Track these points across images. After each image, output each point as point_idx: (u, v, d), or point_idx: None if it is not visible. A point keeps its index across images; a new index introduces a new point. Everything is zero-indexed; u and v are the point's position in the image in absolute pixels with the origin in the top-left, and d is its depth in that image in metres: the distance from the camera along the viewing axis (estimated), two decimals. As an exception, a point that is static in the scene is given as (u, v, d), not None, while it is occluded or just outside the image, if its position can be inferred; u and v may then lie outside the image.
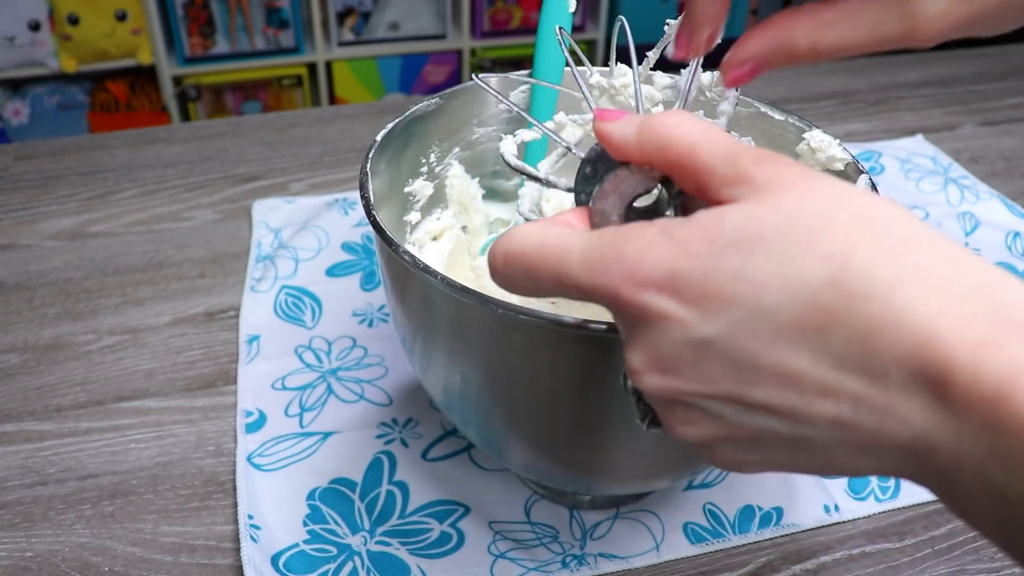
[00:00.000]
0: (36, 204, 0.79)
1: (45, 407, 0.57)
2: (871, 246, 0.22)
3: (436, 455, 0.53)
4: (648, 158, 0.27)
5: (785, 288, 0.23)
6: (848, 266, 0.22)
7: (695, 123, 0.26)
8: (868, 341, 0.22)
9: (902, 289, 0.22)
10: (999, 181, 0.84)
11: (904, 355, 0.21)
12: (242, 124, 0.93)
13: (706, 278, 0.23)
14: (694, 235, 0.24)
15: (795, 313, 0.23)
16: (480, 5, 2.10)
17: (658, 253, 0.24)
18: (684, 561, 0.47)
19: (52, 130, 2.02)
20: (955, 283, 0.22)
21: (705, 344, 0.24)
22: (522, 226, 0.27)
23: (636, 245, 0.25)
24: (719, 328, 0.23)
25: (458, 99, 0.52)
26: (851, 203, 0.23)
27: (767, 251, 0.23)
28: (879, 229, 0.23)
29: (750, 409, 0.24)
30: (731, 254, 0.23)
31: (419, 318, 0.41)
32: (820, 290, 0.22)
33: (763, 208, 0.24)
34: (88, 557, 0.47)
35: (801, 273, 0.22)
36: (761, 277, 0.23)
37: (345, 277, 0.68)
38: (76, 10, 1.88)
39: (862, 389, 0.22)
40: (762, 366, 0.23)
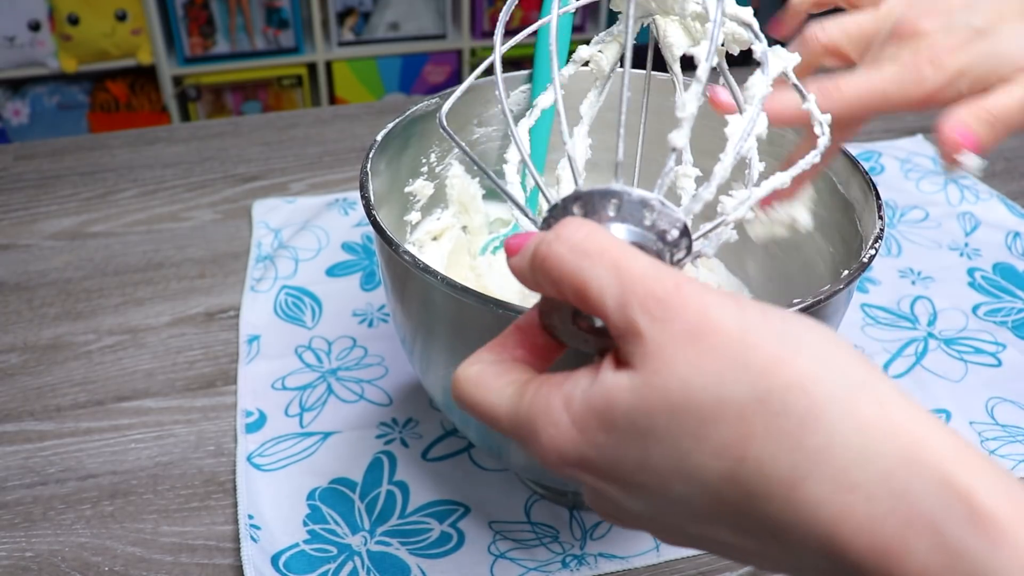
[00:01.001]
0: (36, 204, 0.79)
1: (45, 407, 0.57)
2: (766, 434, 0.21)
3: (436, 455, 0.53)
4: (549, 293, 0.26)
5: (686, 482, 0.22)
6: (744, 461, 0.21)
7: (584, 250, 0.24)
8: (777, 536, 0.22)
9: (802, 489, 0.21)
10: (999, 181, 0.84)
11: (816, 554, 0.21)
12: (242, 124, 0.93)
13: (613, 468, 0.24)
14: (591, 425, 0.24)
15: (703, 503, 0.23)
16: (480, 5, 2.10)
17: (566, 441, 0.24)
18: (684, 561, 0.47)
19: (52, 130, 2.02)
20: (860, 474, 0.20)
21: (637, 514, 0.25)
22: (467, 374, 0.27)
23: (546, 430, 0.24)
24: (642, 506, 0.24)
25: (458, 99, 0.52)
26: (744, 373, 0.21)
27: (661, 446, 0.22)
28: (775, 409, 0.21)
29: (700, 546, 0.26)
30: (629, 446, 0.23)
31: (419, 318, 0.41)
32: (719, 487, 0.22)
33: (649, 398, 0.22)
34: (88, 557, 0.47)
35: (698, 470, 0.22)
36: (662, 470, 0.23)
37: (345, 277, 0.68)
38: (76, 10, 1.88)
39: (791, 557, 0.22)
40: (692, 535, 0.24)
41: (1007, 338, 0.63)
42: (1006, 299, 0.67)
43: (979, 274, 0.70)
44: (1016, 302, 0.67)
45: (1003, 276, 0.70)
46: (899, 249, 0.73)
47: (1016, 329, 0.64)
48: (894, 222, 0.76)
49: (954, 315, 0.66)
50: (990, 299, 0.67)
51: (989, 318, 0.65)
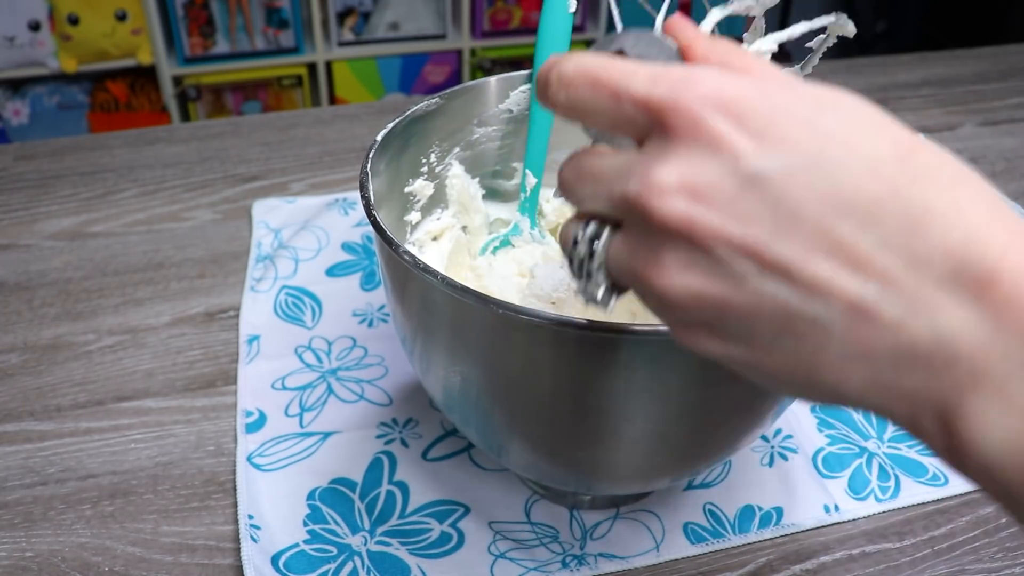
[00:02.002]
0: (36, 204, 0.79)
1: (45, 407, 0.57)
2: (935, 154, 0.23)
3: (436, 455, 0.53)
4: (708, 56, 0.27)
5: (852, 149, 0.22)
6: (915, 152, 0.22)
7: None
8: (920, 223, 0.21)
9: (962, 189, 0.22)
10: (999, 181, 0.84)
11: (953, 246, 0.21)
12: (242, 124, 0.93)
13: (776, 112, 0.23)
14: (772, 76, 0.24)
15: (855, 176, 0.22)
16: (480, 5, 2.10)
17: (732, 79, 0.23)
18: (684, 561, 0.47)
19: (52, 130, 2.02)
20: (1004, 206, 0.22)
21: (752, 178, 0.22)
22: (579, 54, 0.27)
23: (711, 70, 0.24)
24: (774, 166, 0.22)
25: (458, 99, 0.52)
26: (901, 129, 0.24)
27: (840, 116, 0.23)
28: (937, 150, 0.23)
29: (766, 270, 0.22)
30: (807, 103, 0.23)
31: (419, 318, 0.41)
32: (886, 163, 0.22)
33: (834, 92, 0.24)
34: (88, 557, 0.47)
35: (871, 143, 0.22)
36: (832, 132, 0.22)
37: (345, 277, 0.68)
38: (76, 10, 1.88)
39: (899, 271, 0.21)
40: (803, 219, 0.22)
41: (1007, 338, 0.63)
42: (1006, 299, 0.67)
43: (979, 274, 0.70)
44: (1016, 302, 0.67)
45: (1003, 276, 0.70)
46: (899, 249, 0.73)
47: (1016, 329, 0.64)
48: (894, 222, 0.76)
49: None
50: (990, 299, 0.67)
51: (989, 318, 0.65)
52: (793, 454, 0.53)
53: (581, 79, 0.25)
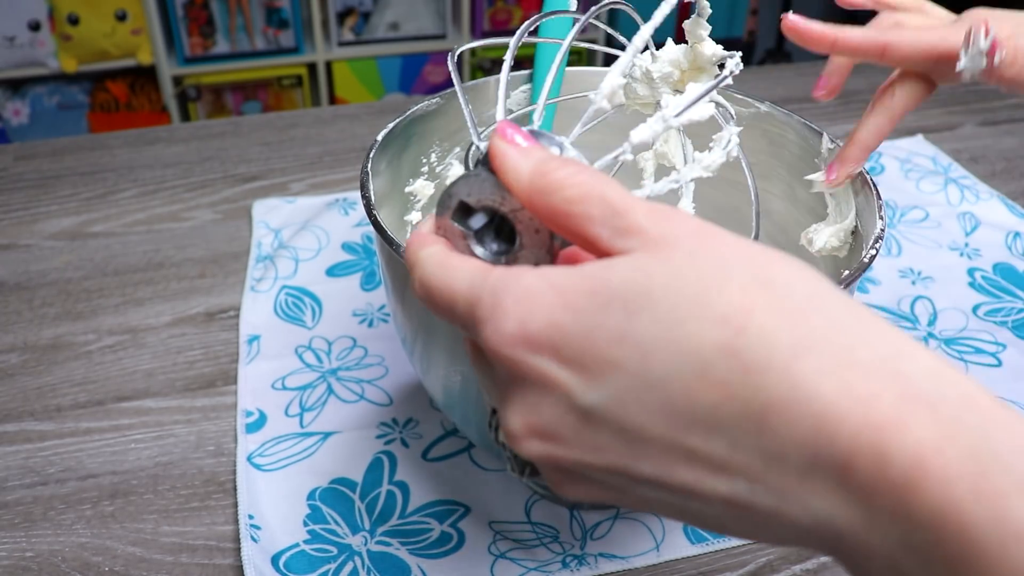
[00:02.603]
0: (36, 204, 0.79)
1: (45, 407, 0.57)
2: (770, 310, 0.21)
3: (436, 455, 0.53)
4: (532, 200, 0.25)
5: (674, 355, 0.21)
6: (745, 331, 0.20)
7: (591, 173, 0.24)
8: (764, 420, 0.20)
9: (803, 361, 0.20)
10: (999, 181, 0.84)
11: (803, 437, 0.20)
12: (242, 124, 0.93)
13: (588, 336, 0.22)
14: (576, 286, 0.22)
15: (685, 384, 0.21)
16: (480, 5, 2.10)
17: (536, 304, 0.22)
18: (684, 561, 0.47)
19: (52, 130, 2.02)
20: (860, 354, 0.20)
21: (589, 412, 0.22)
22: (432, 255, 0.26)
23: (515, 294, 0.23)
24: (603, 395, 0.22)
25: (458, 100, 0.52)
26: (749, 261, 0.22)
27: (654, 311, 0.21)
28: (779, 291, 0.21)
29: (638, 482, 0.23)
30: (616, 310, 0.21)
31: (419, 318, 0.41)
32: (713, 359, 0.20)
33: (653, 262, 0.22)
34: (88, 557, 0.47)
35: (691, 339, 0.21)
36: (648, 340, 0.21)
37: (345, 277, 0.68)
38: (76, 10, 1.88)
39: (759, 469, 0.21)
40: (651, 438, 0.22)
41: (1007, 338, 0.63)
42: (1006, 299, 0.67)
43: (979, 274, 0.70)
44: (1016, 302, 0.67)
45: (1003, 276, 0.70)
46: (899, 249, 0.73)
47: (1016, 329, 0.64)
48: (894, 222, 0.76)
49: (954, 315, 0.66)
50: (990, 299, 0.67)
51: (989, 318, 0.65)
52: (793, 454, 0.53)
53: (419, 292, 0.26)
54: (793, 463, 0.20)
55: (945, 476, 0.19)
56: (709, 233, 0.23)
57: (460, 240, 0.27)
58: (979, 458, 0.19)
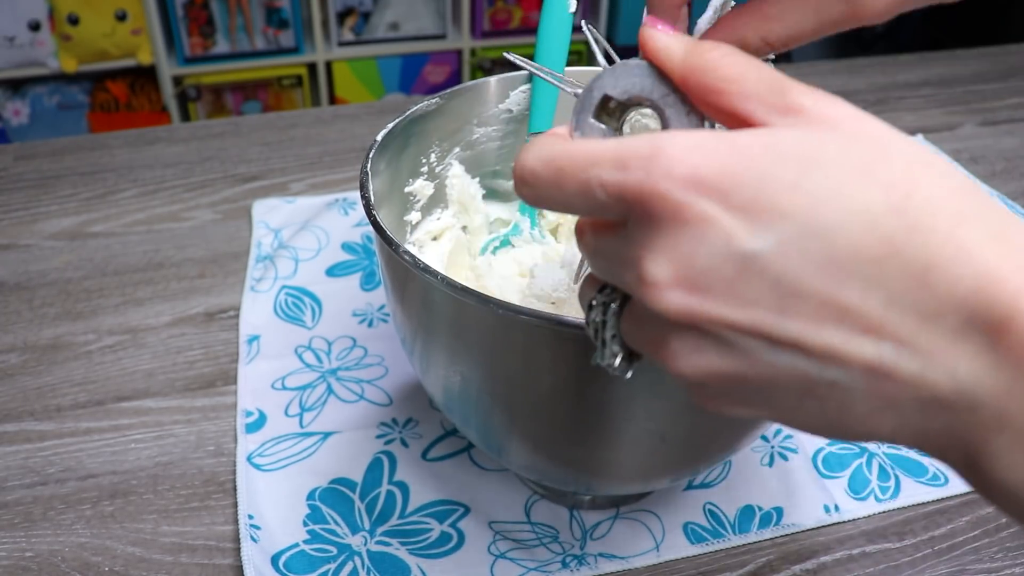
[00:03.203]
0: (36, 204, 0.79)
1: (45, 407, 0.57)
2: (933, 183, 0.21)
3: (436, 455, 0.53)
4: (687, 76, 0.25)
5: (844, 208, 0.21)
6: (911, 196, 0.21)
7: (745, 56, 0.25)
8: (926, 276, 0.20)
9: (966, 227, 0.21)
10: (999, 181, 0.84)
11: (963, 295, 0.20)
12: (242, 124, 0.93)
13: (760, 183, 0.21)
14: (751, 140, 0.22)
15: (852, 237, 0.21)
16: (480, 5, 2.10)
17: (708, 150, 0.22)
18: (684, 561, 0.47)
19: (52, 130, 2.02)
20: (1015, 234, 0.21)
21: (748, 259, 0.21)
22: (546, 135, 0.25)
23: (680, 142, 0.22)
24: (768, 242, 0.21)
25: (458, 99, 0.52)
26: (910, 145, 0.22)
27: (827, 170, 0.21)
28: (939, 171, 0.22)
29: (777, 345, 0.22)
30: (790, 164, 0.21)
31: (419, 318, 0.41)
32: (881, 216, 0.21)
33: (821, 132, 0.22)
34: (88, 557, 0.47)
35: (863, 197, 0.21)
36: (821, 193, 0.21)
37: (345, 277, 0.68)
38: (76, 10, 1.88)
39: (911, 330, 0.21)
40: (807, 293, 0.21)
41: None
42: (1006, 299, 0.67)
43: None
44: (1016, 302, 0.67)
45: (1003, 276, 0.70)
46: (899, 249, 0.73)
47: (1016, 329, 0.64)
48: (894, 222, 0.76)
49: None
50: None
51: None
52: (793, 454, 0.53)
53: (545, 173, 0.25)
54: (948, 322, 0.20)
55: None
56: (869, 118, 0.23)
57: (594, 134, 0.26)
58: None
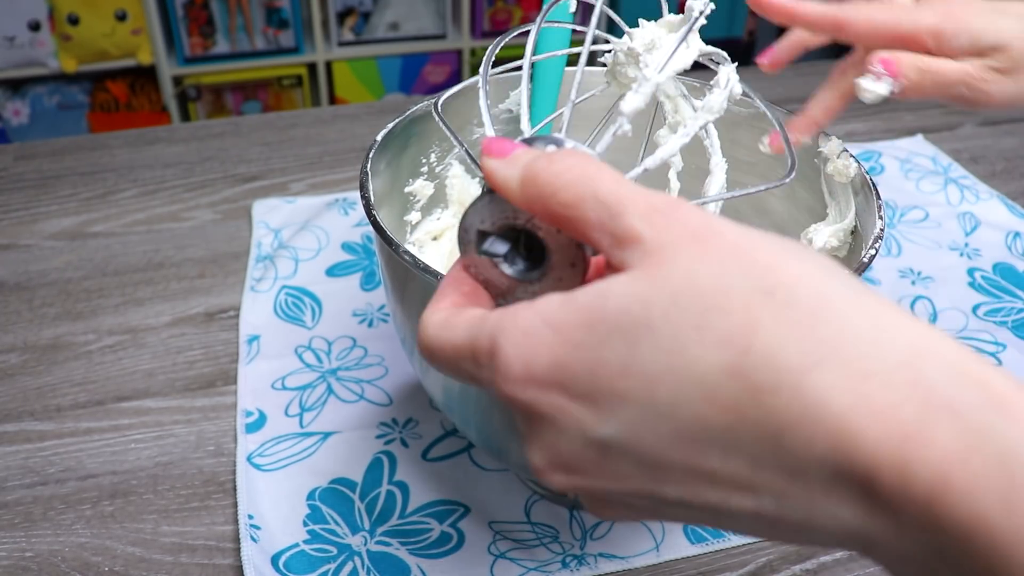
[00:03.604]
0: (36, 204, 0.79)
1: (45, 407, 0.57)
2: (774, 324, 0.20)
3: (436, 455, 0.53)
4: (531, 207, 0.24)
5: (679, 382, 0.20)
6: (749, 351, 0.20)
7: (581, 168, 0.23)
8: (780, 439, 0.20)
9: (813, 376, 0.19)
10: (999, 181, 0.84)
11: (821, 455, 0.19)
12: (242, 124, 0.93)
13: (592, 372, 0.21)
14: (573, 321, 0.22)
15: (694, 410, 0.20)
16: (480, 5, 2.10)
17: (536, 345, 0.22)
18: (684, 561, 0.47)
19: (52, 130, 2.02)
20: (875, 362, 0.19)
21: (605, 444, 0.22)
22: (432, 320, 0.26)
23: (512, 337, 0.22)
24: (616, 427, 0.21)
25: (458, 99, 0.52)
26: (751, 268, 0.21)
27: (655, 339, 0.21)
28: (783, 300, 0.20)
29: (667, 503, 0.22)
30: (616, 343, 0.21)
31: (419, 318, 0.41)
32: (720, 384, 0.20)
33: (649, 287, 0.21)
34: (88, 557, 0.47)
35: (696, 364, 0.20)
36: (651, 370, 0.21)
37: (345, 277, 0.68)
38: (76, 10, 1.88)
39: (784, 484, 0.20)
40: (670, 464, 0.21)
41: (1007, 338, 0.63)
42: (1006, 299, 0.67)
43: (979, 274, 0.70)
44: (1016, 302, 0.67)
45: (1003, 276, 0.70)
46: (899, 249, 0.73)
47: (1016, 329, 0.64)
48: (894, 222, 0.76)
49: (954, 315, 0.66)
50: (990, 299, 0.67)
51: (989, 318, 0.65)
52: (793, 454, 0.53)
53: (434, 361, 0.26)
54: (815, 478, 0.20)
55: (971, 489, 0.18)
56: (710, 234, 0.22)
57: (492, 270, 0.27)
58: (1007, 466, 0.18)
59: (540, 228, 0.25)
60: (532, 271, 0.26)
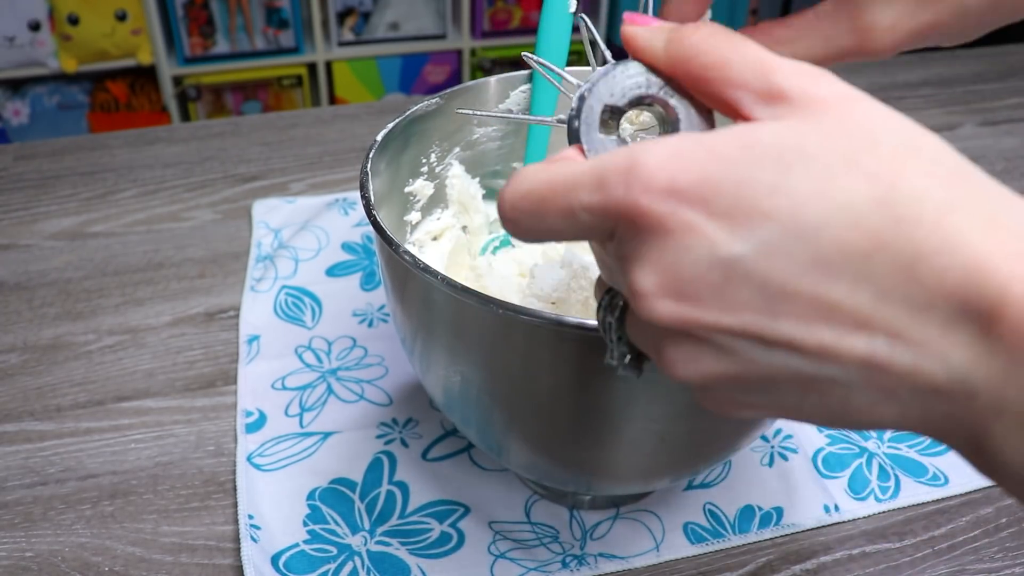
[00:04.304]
0: (36, 204, 0.79)
1: (45, 407, 0.57)
2: (920, 171, 0.21)
3: (436, 455, 0.53)
4: (673, 68, 0.25)
5: (828, 206, 0.21)
6: (897, 187, 0.21)
7: (727, 35, 0.24)
8: (914, 269, 0.20)
9: (954, 216, 0.20)
10: (999, 181, 0.84)
11: (952, 285, 0.20)
12: (242, 124, 0.93)
13: (740, 187, 0.21)
14: (728, 141, 0.22)
15: (837, 234, 0.21)
16: (480, 5, 2.10)
17: (684, 158, 0.22)
18: (684, 561, 0.47)
19: (52, 130, 2.02)
20: (1009, 218, 0.21)
21: (733, 264, 0.21)
22: (528, 167, 0.25)
23: (657, 152, 0.22)
24: (751, 246, 0.21)
25: (458, 99, 0.52)
26: (899, 128, 0.22)
27: (808, 166, 0.21)
28: (928, 157, 0.21)
29: (772, 346, 0.22)
30: (769, 165, 0.21)
31: (419, 318, 0.41)
32: (866, 211, 0.20)
33: (803, 124, 0.22)
34: (88, 557, 0.47)
35: (846, 191, 0.21)
36: (802, 192, 0.21)
37: (345, 277, 0.68)
38: (76, 10, 1.88)
39: (903, 322, 0.21)
40: (795, 293, 0.21)
41: (1007, 338, 0.63)
42: (1006, 299, 0.67)
43: (979, 274, 0.70)
44: (1016, 302, 0.67)
45: (1003, 276, 0.70)
46: (899, 249, 0.73)
47: (1016, 329, 0.64)
48: (894, 222, 0.76)
49: (954, 315, 0.65)
50: (990, 299, 0.67)
51: (989, 318, 0.65)
52: (793, 454, 0.53)
53: (526, 206, 0.25)
54: (940, 313, 0.20)
55: None
56: (857, 98, 0.23)
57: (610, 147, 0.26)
58: None
59: (673, 95, 0.25)
60: None
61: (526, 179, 0.25)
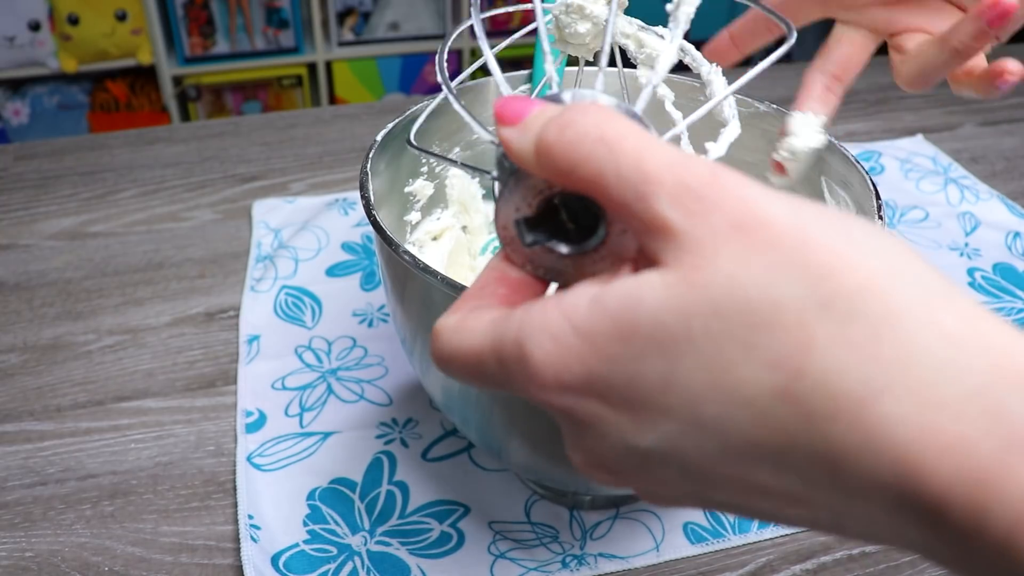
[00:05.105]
0: (36, 204, 0.79)
1: (45, 407, 0.57)
2: (831, 343, 0.17)
3: (436, 455, 0.53)
4: (553, 180, 0.22)
5: (725, 401, 0.18)
6: (802, 375, 0.18)
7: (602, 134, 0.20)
8: (837, 467, 0.18)
9: (875, 406, 0.17)
10: (999, 181, 0.84)
11: (885, 484, 0.17)
12: (242, 124, 0.93)
13: (630, 385, 0.19)
14: (606, 331, 0.20)
15: (743, 430, 0.18)
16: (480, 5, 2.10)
17: (566, 355, 0.20)
18: (684, 561, 0.47)
19: (52, 130, 2.02)
20: (946, 389, 0.17)
21: (647, 453, 0.20)
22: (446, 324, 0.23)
23: (540, 342, 0.20)
24: (657, 437, 0.20)
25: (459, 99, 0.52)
26: (803, 274, 0.18)
27: (697, 356, 0.18)
28: (841, 315, 0.18)
29: (716, 505, 0.21)
30: (653, 358, 0.19)
31: (419, 318, 0.41)
32: (768, 407, 0.18)
33: (687, 296, 0.19)
34: (88, 557, 0.47)
35: (742, 387, 0.18)
36: (694, 388, 0.19)
37: (345, 277, 0.68)
38: (76, 10, 1.88)
39: (841, 506, 0.18)
40: (719, 477, 0.20)
41: (1007, 338, 0.63)
42: (1006, 299, 0.67)
43: (979, 274, 0.70)
44: (1016, 302, 0.67)
45: (1003, 276, 0.70)
46: (899, 249, 0.73)
47: (1016, 329, 0.64)
48: (894, 222, 0.76)
49: (954, 315, 0.65)
50: (990, 299, 0.67)
51: (989, 318, 0.65)
52: (793, 454, 0.53)
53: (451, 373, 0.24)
54: (877, 502, 0.18)
55: None
56: (755, 224, 0.19)
57: (547, 255, 0.24)
58: None
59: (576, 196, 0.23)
60: (591, 237, 0.23)
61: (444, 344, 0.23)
